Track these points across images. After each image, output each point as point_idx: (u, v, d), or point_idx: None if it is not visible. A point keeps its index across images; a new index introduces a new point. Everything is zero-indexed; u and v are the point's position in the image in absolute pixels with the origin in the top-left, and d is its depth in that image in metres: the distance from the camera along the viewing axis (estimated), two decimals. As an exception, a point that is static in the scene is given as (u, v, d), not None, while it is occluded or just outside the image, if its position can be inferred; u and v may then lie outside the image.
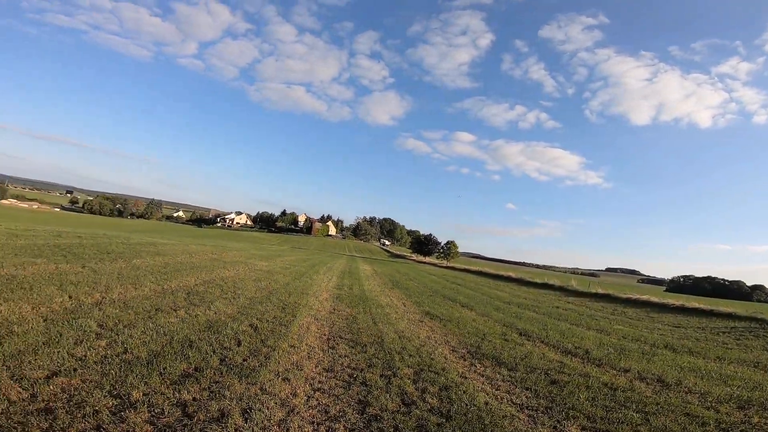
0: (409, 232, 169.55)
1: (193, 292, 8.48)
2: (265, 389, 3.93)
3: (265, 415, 3.40)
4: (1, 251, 9.26)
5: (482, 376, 5.67)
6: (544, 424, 4.12)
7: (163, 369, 3.94)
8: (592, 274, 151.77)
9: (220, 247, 25.35)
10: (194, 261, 14.70)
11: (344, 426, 3.49)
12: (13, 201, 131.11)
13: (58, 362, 3.67)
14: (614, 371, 6.48)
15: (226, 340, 5.38)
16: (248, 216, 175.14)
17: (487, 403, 4.50)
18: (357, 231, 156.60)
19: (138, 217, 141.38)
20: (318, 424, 3.45)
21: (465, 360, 6.47)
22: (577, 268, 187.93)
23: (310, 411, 3.67)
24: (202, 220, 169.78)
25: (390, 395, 4.34)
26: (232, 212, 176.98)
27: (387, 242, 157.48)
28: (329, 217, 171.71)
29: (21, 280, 6.69)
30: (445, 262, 66.29)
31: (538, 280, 29.48)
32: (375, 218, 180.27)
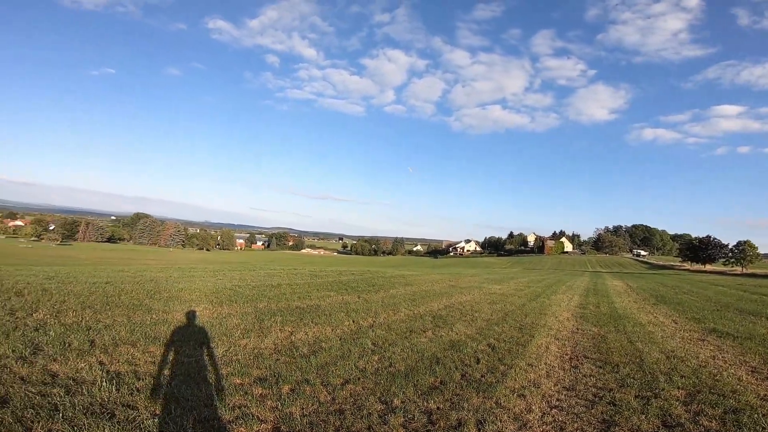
0: (674, 238, 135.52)
1: (437, 316, 9.62)
2: (500, 403, 4.16)
3: (497, 427, 3.62)
4: (308, 287, 13.15)
5: (803, 399, 4.17)
6: None
7: (416, 381, 4.73)
8: None
9: (455, 274, 27.35)
10: (435, 288, 16.45)
11: (582, 444, 3.33)
12: (308, 250, 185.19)
13: (348, 372, 4.97)
14: None
15: (466, 358, 5.94)
16: (476, 242, 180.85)
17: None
18: (599, 244, 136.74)
19: (387, 254, 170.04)
20: (552, 439, 3.42)
21: (773, 381, 4.88)
22: None
23: (544, 427, 3.66)
24: (437, 251, 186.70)
25: (646, 416, 3.81)
26: (461, 241, 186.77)
27: (643, 252, 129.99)
28: (562, 233, 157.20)
29: (323, 309, 9.35)
30: (738, 269, 49.55)
31: None
32: (621, 227, 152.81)
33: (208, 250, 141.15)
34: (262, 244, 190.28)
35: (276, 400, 3.97)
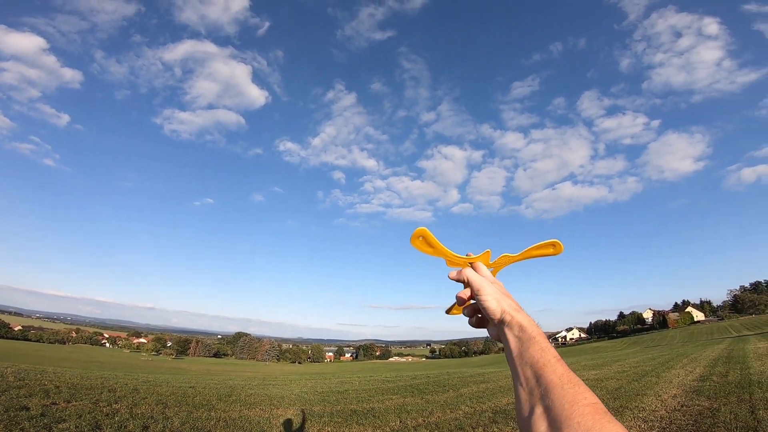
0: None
1: (500, 411, 8.76)
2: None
3: None
4: (375, 392, 12.82)
5: None
6: None
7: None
8: None
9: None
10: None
11: None
12: (396, 358, 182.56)
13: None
14: None
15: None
16: (580, 329, 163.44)
17: None
18: (738, 306, 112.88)
19: (479, 354, 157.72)
20: None
21: None
22: None
23: None
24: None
25: None
26: (561, 330, 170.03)
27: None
28: (686, 303, 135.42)
29: (376, 411, 9.08)
30: None
31: None
32: (760, 282, 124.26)
33: (300, 363, 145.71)
34: (351, 356, 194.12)
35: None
